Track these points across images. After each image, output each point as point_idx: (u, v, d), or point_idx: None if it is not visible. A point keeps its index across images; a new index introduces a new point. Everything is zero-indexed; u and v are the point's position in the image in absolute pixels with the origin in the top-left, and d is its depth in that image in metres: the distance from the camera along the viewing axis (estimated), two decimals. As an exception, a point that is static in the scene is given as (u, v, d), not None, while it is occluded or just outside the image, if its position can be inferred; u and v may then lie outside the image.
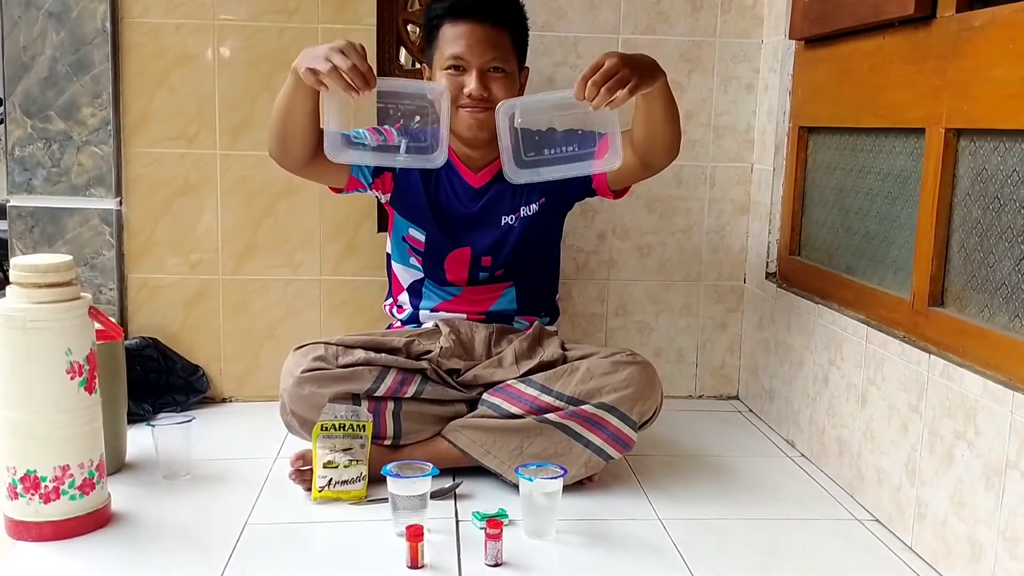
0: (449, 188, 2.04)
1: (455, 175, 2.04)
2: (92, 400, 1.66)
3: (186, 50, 2.33)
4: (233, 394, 2.48)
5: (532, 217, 2.05)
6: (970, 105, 1.59)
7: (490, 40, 1.92)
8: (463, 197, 2.04)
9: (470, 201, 2.04)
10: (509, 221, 2.04)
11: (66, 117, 2.31)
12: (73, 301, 1.63)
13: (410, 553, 1.55)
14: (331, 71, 1.66)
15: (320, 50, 1.68)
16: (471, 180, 2.04)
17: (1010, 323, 1.53)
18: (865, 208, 2.01)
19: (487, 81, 1.92)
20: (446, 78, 1.92)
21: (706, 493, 1.94)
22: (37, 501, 1.62)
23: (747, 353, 2.58)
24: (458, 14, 1.93)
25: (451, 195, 2.04)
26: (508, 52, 1.96)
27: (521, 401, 1.90)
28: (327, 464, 1.79)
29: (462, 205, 2.04)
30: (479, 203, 2.04)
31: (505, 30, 1.95)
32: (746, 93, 2.51)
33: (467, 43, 1.91)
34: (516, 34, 1.99)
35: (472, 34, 1.92)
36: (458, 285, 2.08)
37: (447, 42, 1.93)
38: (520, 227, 2.04)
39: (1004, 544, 1.43)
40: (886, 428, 1.79)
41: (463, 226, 2.04)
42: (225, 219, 2.40)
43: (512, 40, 1.97)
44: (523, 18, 2.03)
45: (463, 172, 2.04)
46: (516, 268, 2.08)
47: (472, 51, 1.91)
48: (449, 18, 1.93)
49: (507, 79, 1.95)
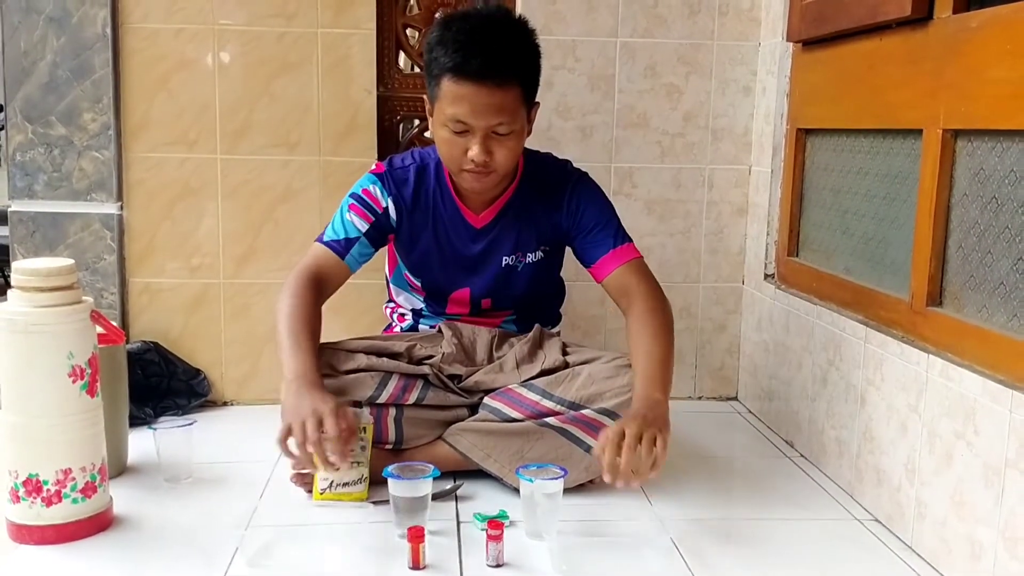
0: (450, 229, 1.99)
1: (457, 215, 1.98)
2: (94, 404, 1.67)
3: (186, 55, 2.34)
4: (234, 398, 2.48)
5: (537, 262, 2.04)
6: (967, 106, 1.60)
7: (496, 104, 1.75)
8: (465, 238, 1.99)
9: (472, 241, 2.00)
10: (510, 262, 2.01)
11: (67, 122, 2.32)
12: (75, 305, 1.63)
13: (411, 554, 1.55)
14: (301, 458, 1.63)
15: (303, 420, 1.62)
16: (473, 220, 1.98)
17: (1008, 322, 1.53)
18: (863, 209, 2.01)
19: (491, 144, 1.79)
20: (447, 135, 1.80)
21: (706, 494, 1.94)
22: (39, 504, 1.62)
23: (746, 354, 2.58)
24: (463, 75, 1.74)
25: (453, 237, 1.99)
26: (516, 109, 1.79)
27: (522, 406, 1.90)
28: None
29: (464, 246, 2.00)
30: (481, 244, 2.00)
31: (515, 86, 1.77)
32: (744, 95, 2.52)
33: (470, 108, 1.74)
34: (527, 84, 1.81)
35: (477, 97, 1.74)
36: (459, 315, 2.08)
37: (449, 100, 1.76)
38: (524, 271, 2.03)
39: (1004, 543, 1.44)
40: (885, 428, 1.80)
41: (463, 269, 2.02)
42: (225, 223, 2.41)
43: (522, 93, 1.80)
44: (535, 64, 1.84)
45: (465, 212, 1.98)
46: (517, 304, 2.08)
47: (476, 116, 1.75)
48: (453, 75, 1.74)
49: (513, 139, 1.81)
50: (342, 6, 2.36)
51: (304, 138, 2.40)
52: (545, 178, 2.00)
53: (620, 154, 2.50)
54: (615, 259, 1.93)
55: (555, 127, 2.46)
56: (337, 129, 2.40)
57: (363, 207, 1.94)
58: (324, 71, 2.38)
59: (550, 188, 1.99)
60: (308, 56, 2.37)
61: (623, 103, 2.49)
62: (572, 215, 1.98)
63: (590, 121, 2.48)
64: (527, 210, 1.99)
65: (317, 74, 2.38)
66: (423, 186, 1.97)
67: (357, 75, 2.39)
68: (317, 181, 2.42)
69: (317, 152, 2.41)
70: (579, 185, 1.99)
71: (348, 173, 2.40)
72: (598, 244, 1.95)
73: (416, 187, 1.96)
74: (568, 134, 2.46)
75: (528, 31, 1.84)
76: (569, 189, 1.98)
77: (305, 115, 2.39)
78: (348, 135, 2.41)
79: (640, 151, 2.51)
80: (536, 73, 1.85)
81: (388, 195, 1.95)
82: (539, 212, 1.99)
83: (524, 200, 1.99)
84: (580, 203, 1.97)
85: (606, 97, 2.48)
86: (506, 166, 1.85)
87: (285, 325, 1.80)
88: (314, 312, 1.85)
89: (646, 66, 2.48)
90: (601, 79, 2.47)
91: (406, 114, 2.52)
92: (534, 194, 1.99)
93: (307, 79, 2.38)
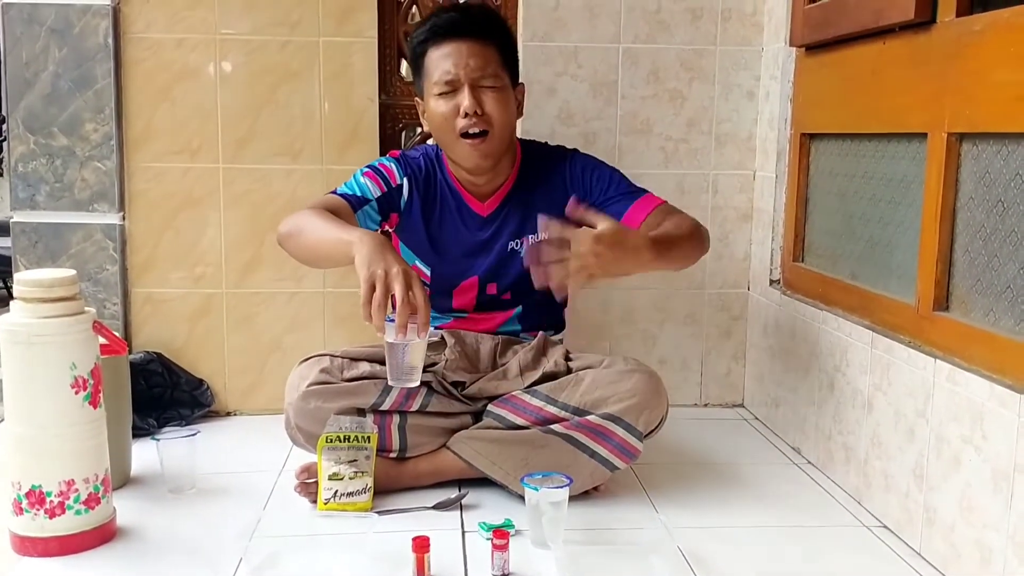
0: (457, 218, 2.01)
1: (463, 205, 2.01)
2: (97, 414, 1.66)
3: (188, 65, 2.34)
4: (238, 407, 2.48)
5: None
6: (972, 109, 1.59)
7: (478, 54, 1.87)
8: (471, 226, 2.02)
9: (478, 229, 2.02)
10: (515, 247, 2.02)
11: (69, 133, 2.32)
12: (77, 315, 1.63)
13: (416, 564, 1.54)
14: (385, 301, 1.57)
15: (385, 269, 1.57)
16: (479, 209, 2.02)
17: (1016, 326, 1.52)
18: (868, 213, 2.00)
19: (480, 96, 1.87)
20: (440, 104, 1.88)
21: (713, 501, 1.93)
22: (42, 516, 1.61)
23: (752, 360, 2.57)
24: (441, 34, 1.88)
25: (459, 225, 2.01)
26: (498, 66, 1.90)
27: (526, 412, 1.89)
28: (332, 476, 1.79)
29: (470, 233, 2.02)
30: (487, 231, 2.02)
31: (492, 44, 1.90)
32: (747, 100, 2.51)
33: (454, 60, 1.86)
34: (504, 48, 1.93)
35: (458, 51, 1.87)
36: (464, 310, 2.08)
37: (434, 65, 1.89)
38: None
39: (1013, 548, 1.42)
40: (893, 434, 1.79)
41: (469, 255, 2.03)
42: (228, 233, 2.41)
43: (500, 55, 1.91)
44: (508, 32, 1.98)
45: (470, 202, 2.01)
46: (523, 291, 2.07)
47: (460, 67, 1.86)
48: (432, 40, 1.89)
49: (501, 94, 1.90)
50: (344, 15, 2.36)
51: (307, 147, 2.40)
52: (542, 162, 2.04)
53: (624, 160, 2.49)
54: (641, 210, 1.93)
55: (558, 134, 2.45)
56: (340, 138, 2.40)
57: (378, 176, 1.97)
58: (326, 80, 2.38)
59: (548, 170, 2.03)
60: (310, 65, 2.37)
61: (626, 109, 2.48)
62: (580, 185, 2.00)
63: (593, 127, 2.48)
64: (530, 196, 2.01)
65: (319, 83, 2.38)
66: (433, 174, 2.02)
67: (359, 83, 2.39)
68: (320, 190, 2.40)
69: (320, 161, 2.40)
70: (576, 158, 2.05)
71: (351, 181, 2.40)
72: (616, 202, 1.96)
73: (428, 174, 2.01)
74: (571, 141, 2.44)
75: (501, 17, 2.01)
76: (568, 165, 2.03)
77: (308, 124, 2.39)
78: (351, 144, 2.41)
79: (643, 157, 2.50)
80: (512, 47, 1.96)
81: (404, 174, 1.99)
82: (541, 195, 2.01)
83: (526, 187, 2.02)
84: (583, 172, 2.01)
85: (609, 103, 2.47)
86: (500, 125, 1.90)
87: (317, 217, 1.77)
88: None
89: (649, 72, 2.47)
90: (604, 85, 2.47)
91: (408, 122, 2.52)
92: (535, 179, 2.02)
93: (309, 88, 2.38)
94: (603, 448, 1.85)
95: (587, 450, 1.85)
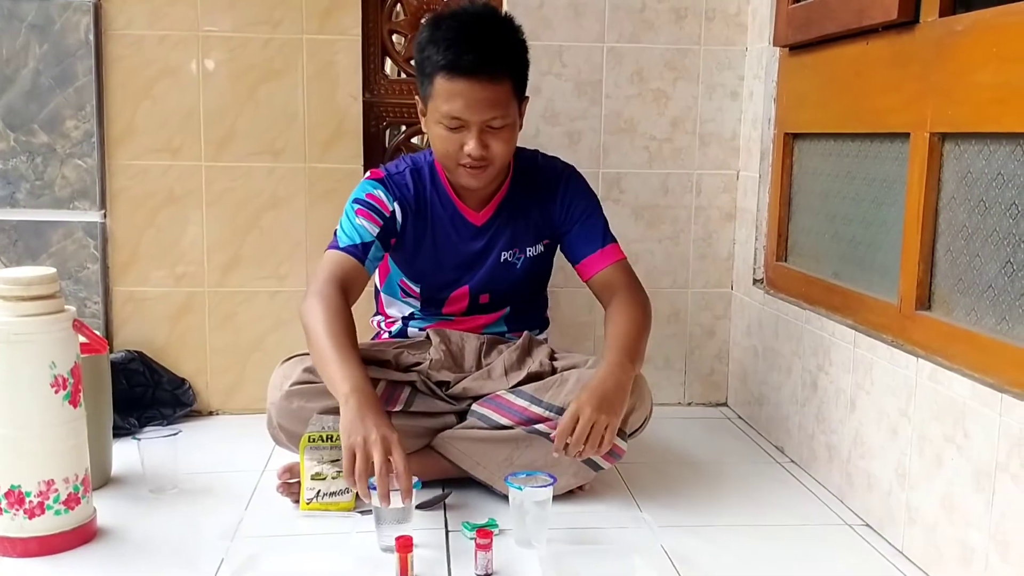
0: (451, 230, 1.99)
1: (457, 215, 1.99)
2: (77, 414, 1.65)
3: (170, 62, 2.33)
4: (220, 407, 2.46)
5: (537, 256, 2.05)
6: (954, 109, 1.60)
7: (490, 98, 1.78)
8: (464, 236, 2.00)
9: (471, 239, 2.00)
10: (508, 257, 2.01)
11: (49, 130, 2.30)
12: (57, 314, 1.61)
13: (400, 564, 1.54)
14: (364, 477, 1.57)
15: (364, 436, 1.58)
16: (473, 219, 1.99)
17: (997, 326, 1.53)
18: (851, 213, 2.01)
19: (487, 139, 1.82)
20: (443, 132, 1.83)
21: (696, 500, 1.93)
22: (22, 516, 1.60)
23: (735, 360, 2.58)
24: (457, 72, 1.76)
25: (453, 237, 1.99)
26: (509, 103, 1.82)
27: (511, 412, 1.88)
28: (315, 476, 1.78)
29: (464, 244, 2.00)
30: (481, 241, 2.01)
31: (506, 81, 1.81)
32: (731, 100, 2.52)
33: (465, 103, 1.77)
34: (517, 78, 1.85)
35: (471, 93, 1.77)
36: (453, 315, 2.07)
37: (443, 97, 1.79)
38: (523, 265, 2.03)
39: (995, 547, 1.43)
40: (875, 433, 1.79)
41: (461, 267, 2.01)
42: (210, 231, 2.39)
43: (513, 87, 1.83)
44: (524, 59, 1.87)
45: (464, 211, 1.99)
46: (514, 299, 2.08)
47: (471, 111, 1.78)
48: (446, 71, 1.77)
49: (507, 131, 1.84)
50: (327, 12, 2.35)
51: (289, 145, 2.38)
52: (537, 173, 2.03)
53: (608, 160, 2.50)
54: (602, 259, 1.98)
55: (543, 133, 2.45)
56: (323, 136, 2.39)
57: (370, 211, 1.93)
58: (309, 78, 2.37)
59: (543, 182, 2.02)
60: (293, 63, 2.36)
61: (610, 109, 2.48)
62: (564, 208, 2.01)
63: (577, 127, 2.48)
64: (523, 205, 2.01)
65: (302, 81, 2.37)
66: (421, 189, 1.98)
67: (343, 81, 2.38)
68: (303, 188, 2.40)
69: (303, 159, 2.39)
70: (572, 180, 2.04)
71: (334, 180, 2.39)
72: (586, 242, 1.99)
73: (415, 190, 1.97)
74: (555, 140, 2.45)
75: (515, 27, 1.87)
76: (563, 183, 2.02)
77: (290, 122, 2.38)
78: (334, 142, 2.39)
79: (628, 157, 2.51)
80: (525, 67, 1.89)
81: (393, 199, 1.95)
82: (534, 206, 2.01)
83: (519, 196, 2.01)
84: (572, 196, 2.02)
85: (593, 103, 2.47)
86: (502, 159, 1.87)
87: (325, 333, 1.74)
88: (350, 319, 1.80)
89: (633, 71, 2.47)
90: (588, 85, 2.47)
91: (392, 120, 2.51)
92: (528, 189, 2.01)
93: (292, 86, 2.37)
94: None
95: (571, 450, 1.85)
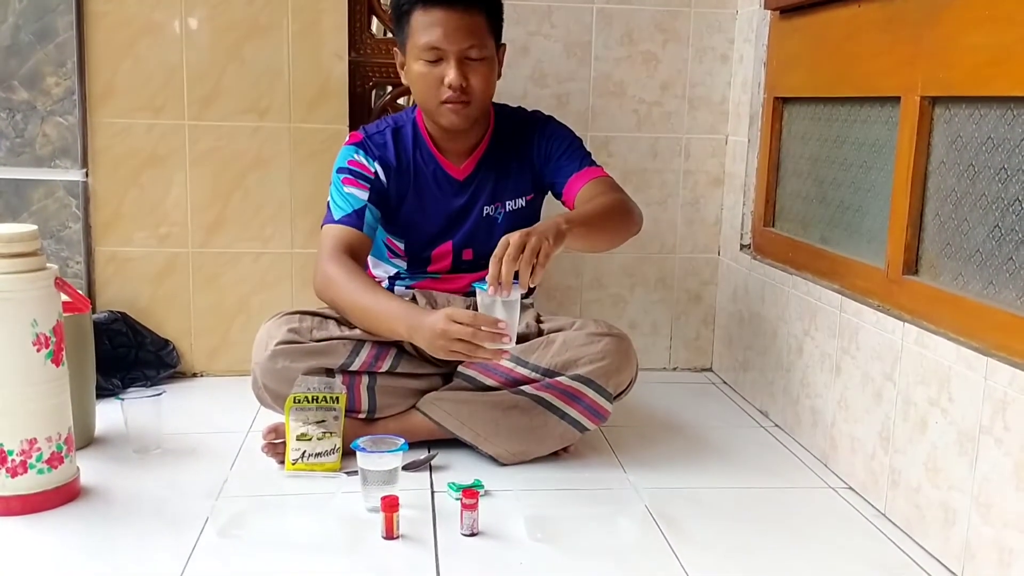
0: (434, 186, 1.99)
1: (439, 170, 1.98)
2: (59, 373, 1.63)
3: (153, 19, 2.28)
4: (204, 369, 2.45)
5: (519, 210, 2.03)
6: (945, 72, 1.59)
7: (466, 27, 1.83)
8: (447, 191, 1.99)
9: (454, 195, 2.00)
10: (490, 212, 2.01)
11: (30, 87, 2.26)
12: (39, 271, 1.59)
13: (385, 524, 1.54)
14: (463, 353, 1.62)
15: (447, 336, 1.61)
16: (455, 173, 1.99)
17: (984, 290, 1.53)
18: (840, 178, 2.01)
19: (466, 70, 1.84)
20: (423, 68, 1.85)
21: (681, 463, 1.94)
22: (4, 475, 1.59)
23: (721, 325, 2.58)
24: (432, 2, 1.82)
25: (436, 193, 1.99)
26: (485, 36, 1.86)
27: (496, 373, 1.88)
28: (300, 436, 1.78)
29: (446, 200, 2.00)
30: (463, 196, 2.00)
31: (481, 13, 1.85)
32: (721, 64, 2.50)
33: (443, 31, 1.82)
34: (492, 15, 1.89)
35: (448, 21, 1.82)
36: (439, 272, 2.06)
37: (420, 30, 1.83)
38: (505, 220, 2.02)
39: (977, 509, 1.44)
40: (860, 397, 1.80)
41: (444, 222, 2.01)
42: (194, 191, 2.36)
43: (488, 22, 1.87)
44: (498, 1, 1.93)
45: (446, 166, 1.99)
46: None
47: (449, 39, 1.82)
48: (421, 4, 1.83)
49: (486, 65, 1.87)
50: (313, -30, 2.31)
51: (274, 104, 2.35)
52: (515, 126, 2.04)
53: (596, 123, 2.48)
54: (584, 177, 1.96)
55: (531, 95, 2.43)
56: (308, 95, 2.36)
57: (355, 177, 1.93)
58: (294, 36, 2.33)
59: (521, 134, 2.03)
60: (278, 20, 2.32)
61: (599, 71, 2.46)
62: (541, 149, 2.02)
63: (566, 88, 2.46)
64: (503, 159, 2.00)
65: (287, 39, 2.33)
66: (401, 146, 1.98)
67: (328, 40, 2.35)
68: (287, 148, 2.37)
69: (287, 119, 2.36)
70: (548, 122, 2.06)
71: (319, 140, 2.36)
72: (564, 167, 1.98)
73: (395, 148, 1.97)
74: (544, 102, 2.43)
75: None
76: (539, 129, 2.03)
77: (275, 81, 2.34)
78: (319, 102, 2.36)
79: (616, 120, 2.49)
80: (500, 8, 1.92)
81: (373, 160, 1.95)
82: (513, 158, 2.01)
83: (499, 149, 2.01)
84: (549, 136, 2.02)
85: (582, 64, 2.45)
86: (481, 95, 1.88)
87: (354, 287, 1.80)
88: (366, 273, 1.87)
89: (623, 33, 2.45)
90: (577, 46, 2.44)
91: (378, 80, 2.48)
92: (508, 142, 2.01)
93: (277, 44, 2.33)
94: (573, 409, 1.85)
95: (557, 411, 1.85)
